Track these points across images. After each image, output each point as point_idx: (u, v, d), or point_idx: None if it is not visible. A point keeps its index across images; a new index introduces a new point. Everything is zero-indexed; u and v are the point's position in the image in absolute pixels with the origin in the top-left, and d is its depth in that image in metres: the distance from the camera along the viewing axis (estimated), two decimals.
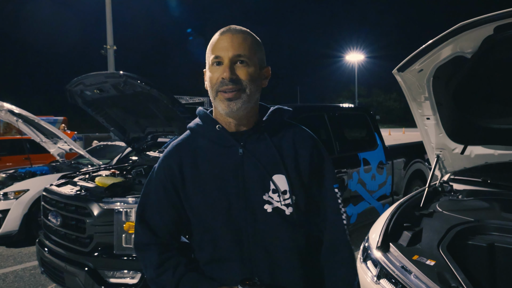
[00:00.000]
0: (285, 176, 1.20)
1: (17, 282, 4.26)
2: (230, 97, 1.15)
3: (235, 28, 1.20)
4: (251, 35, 1.21)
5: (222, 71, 1.15)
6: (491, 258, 2.09)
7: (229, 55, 1.15)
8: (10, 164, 9.83)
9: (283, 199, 1.20)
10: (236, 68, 1.16)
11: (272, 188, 1.20)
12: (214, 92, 1.18)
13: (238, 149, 1.21)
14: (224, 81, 1.14)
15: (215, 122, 1.24)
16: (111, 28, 15.98)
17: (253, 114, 1.24)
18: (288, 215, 1.20)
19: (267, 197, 1.19)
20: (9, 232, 5.39)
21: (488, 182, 2.92)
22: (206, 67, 1.24)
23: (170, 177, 1.24)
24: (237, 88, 1.15)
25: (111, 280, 2.97)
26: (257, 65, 1.21)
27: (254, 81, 1.19)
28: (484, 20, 1.86)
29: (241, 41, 1.17)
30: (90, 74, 3.44)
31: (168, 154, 1.29)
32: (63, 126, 15.69)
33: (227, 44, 1.16)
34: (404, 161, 5.81)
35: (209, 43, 1.22)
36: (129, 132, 4.37)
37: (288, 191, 1.20)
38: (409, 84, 2.51)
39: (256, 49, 1.21)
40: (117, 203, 3.05)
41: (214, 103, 1.20)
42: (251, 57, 1.18)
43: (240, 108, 1.17)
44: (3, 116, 6.19)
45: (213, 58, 1.17)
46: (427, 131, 2.85)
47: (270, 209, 1.19)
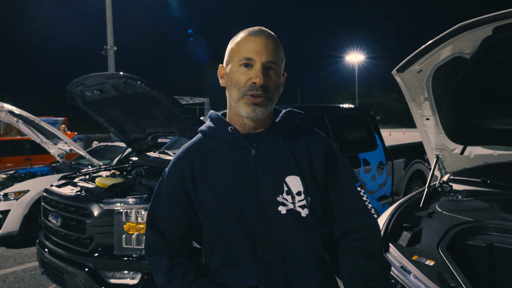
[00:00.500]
0: (299, 177, 1.18)
1: (18, 283, 4.26)
2: (258, 102, 1.14)
3: (268, 32, 1.19)
4: (280, 45, 1.21)
5: (253, 75, 1.13)
6: (490, 258, 2.10)
7: (262, 60, 1.13)
8: (11, 164, 9.85)
9: (298, 201, 1.18)
10: (266, 74, 1.15)
11: (286, 190, 1.18)
12: (240, 94, 1.16)
13: (251, 150, 1.19)
14: (254, 86, 1.13)
15: (227, 124, 1.22)
16: (111, 28, 15.99)
17: (268, 117, 1.24)
18: (304, 217, 1.18)
19: (281, 199, 1.17)
20: (9, 233, 5.39)
21: (487, 183, 2.92)
22: (228, 64, 1.21)
23: (181, 180, 1.23)
24: (265, 95, 1.15)
25: (111, 280, 2.97)
26: (281, 73, 1.21)
27: (277, 90, 1.20)
28: (483, 21, 1.86)
29: (274, 48, 1.16)
30: (90, 75, 3.45)
31: (179, 157, 1.28)
32: (63, 127, 15.69)
33: (261, 48, 1.14)
34: (404, 162, 5.82)
35: (235, 40, 1.20)
36: (129, 132, 4.37)
37: (302, 192, 1.18)
38: (409, 84, 2.51)
39: (283, 58, 1.21)
40: (117, 204, 3.05)
41: (236, 104, 1.18)
42: (279, 65, 1.19)
43: (263, 114, 1.17)
44: (4, 117, 6.19)
45: (244, 59, 1.15)
46: (426, 131, 2.86)
47: (284, 211, 1.17)
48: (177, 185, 1.24)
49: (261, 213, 1.16)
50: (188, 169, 1.22)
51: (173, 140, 5.34)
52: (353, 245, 1.24)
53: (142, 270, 2.89)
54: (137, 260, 2.90)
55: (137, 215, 2.99)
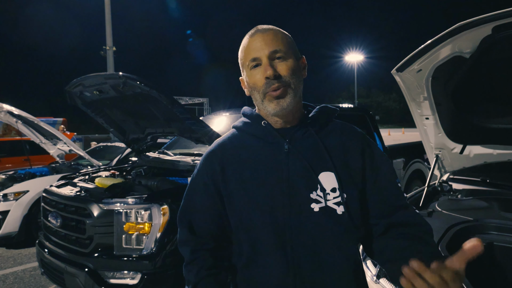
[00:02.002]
0: (333, 173, 1.14)
1: (17, 284, 4.26)
2: (278, 94, 1.13)
3: (263, 27, 1.19)
4: (279, 30, 1.20)
5: (263, 71, 1.14)
6: (490, 257, 2.10)
7: (265, 53, 1.14)
8: (10, 165, 9.85)
9: (333, 197, 1.13)
10: (275, 64, 1.14)
11: (320, 187, 1.13)
12: (262, 95, 1.16)
13: (283, 145, 1.18)
14: (269, 81, 1.13)
15: (261, 119, 1.22)
16: (110, 29, 16.00)
17: (298, 109, 1.22)
18: (339, 214, 1.12)
19: (315, 196, 1.13)
20: (9, 233, 5.39)
21: (487, 182, 2.93)
22: (243, 74, 1.23)
23: (212, 175, 1.23)
24: (282, 84, 1.13)
25: (111, 280, 2.97)
26: (294, 56, 1.18)
27: (295, 74, 1.17)
28: (482, 20, 1.86)
29: (273, 37, 1.16)
30: (90, 75, 3.44)
31: (210, 152, 1.28)
32: (63, 127, 15.70)
33: (260, 43, 1.15)
34: (403, 161, 5.82)
35: (240, 49, 1.21)
36: (128, 133, 4.37)
37: (337, 188, 1.13)
38: (408, 84, 2.51)
39: (289, 41, 1.19)
40: (117, 204, 3.05)
41: (262, 106, 1.18)
42: (286, 50, 1.16)
43: (289, 104, 1.15)
44: (3, 117, 6.19)
45: (250, 61, 1.16)
46: (426, 131, 2.86)
47: (317, 208, 1.12)
48: (207, 180, 1.24)
49: (292, 210, 1.13)
50: (219, 164, 1.22)
51: (172, 140, 5.34)
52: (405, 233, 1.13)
53: (142, 270, 2.89)
54: (137, 260, 2.90)
55: (137, 215, 2.98)
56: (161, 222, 2.93)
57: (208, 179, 1.24)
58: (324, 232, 1.12)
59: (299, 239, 1.12)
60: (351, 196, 1.15)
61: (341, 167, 1.16)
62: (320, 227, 1.12)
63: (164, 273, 2.90)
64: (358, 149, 1.20)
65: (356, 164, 1.18)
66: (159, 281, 2.89)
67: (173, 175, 3.76)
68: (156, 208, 2.95)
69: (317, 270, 1.12)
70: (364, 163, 1.19)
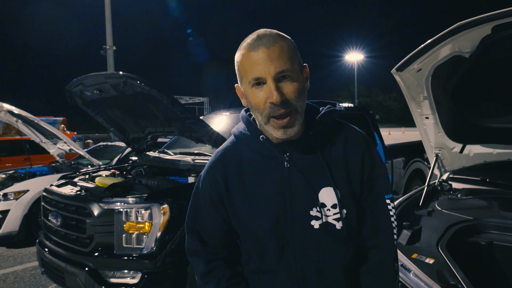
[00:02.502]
0: (334, 189, 1.13)
1: (18, 283, 4.27)
2: (286, 124, 1.06)
3: (267, 37, 1.06)
4: (285, 40, 1.08)
5: (268, 94, 1.03)
6: (489, 256, 2.11)
7: (271, 74, 1.03)
8: (10, 164, 9.85)
9: (333, 214, 1.13)
10: (281, 86, 1.04)
11: (321, 202, 1.13)
12: (265, 119, 1.07)
13: (283, 162, 1.14)
14: (274, 107, 1.04)
15: (258, 132, 1.17)
16: (110, 28, 15.99)
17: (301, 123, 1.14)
18: (338, 229, 1.13)
19: (315, 212, 1.13)
20: (9, 233, 5.39)
21: (486, 181, 2.93)
22: (241, 86, 1.14)
23: (215, 187, 1.22)
24: (289, 110, 1.05)
25: (112, 280, 2.97)
26: (299, 72, 1.09)
27: (302, 95, 1.08)
28: (482, 20, 1.87)
29: (279, 53, 1.04)
30: (90, 74, 3.44)
31: (212, 164, 1.26)
32: (63, 127, 15.67)
33: (265, 61, 1.03)
34: (403, 161, 5.82)
35: (239, 59, 1.10)
36: (129, 132, 4.37)
37: (337, 205, 1.13)
38: (408, 83, 2.52)
39: (294, 54, 1.09)
40: (117, 203, 3.05)
41: (266, 127, 1.10)
42: (293, 67, 1.06)
43: (296, 131, 1.09)
44: (3, 116, 6.19)
45: (253, 80, 1.05)
46: (426, 130, 2.87)
47: (317, 225, 1.13)
48: (212, 192, 1.24)
49: (294, 226, 1.13)
50: (222, 177, 1.21)
51: (172, 139, 5.34)
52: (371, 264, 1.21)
53: (142, 269, 2.89)
54: (137, 260, 2.91)
55: (137, 215, 2.99)
56: (161, 222, 2.93)
57: (212, 191, 1.24)
58: (324, 247, 1.14)
59: (302, 254, 1.14)
60: (350, 211, 1.15)
61: (342, 181, 1.15)
62: (320, 243, 1.14)
63: (164, 272, 2.91)
64: (359, 158, 1.17)
65: (356, 175, 1.17)
66: (159, 280, 2.90)
67: (173, 175, 3.76)
68: (157, 208, 2.96)
69: (319, 281, 1.15)
70: (363, 174, 1.18)
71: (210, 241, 1.27)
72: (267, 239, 1.16)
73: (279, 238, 1.15)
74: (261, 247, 1.18)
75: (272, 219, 1.14)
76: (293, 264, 1.15)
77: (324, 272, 1.15)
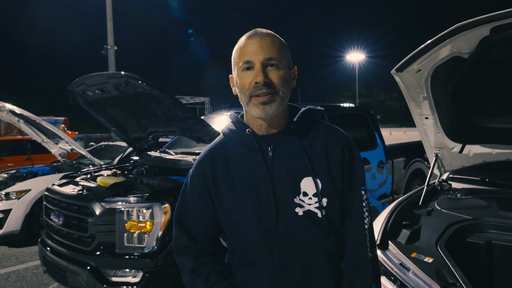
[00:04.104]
0: (313, 179, 1.19)
1: (20, 282, 4.29)
2: (265, 100, 1.15)
3: (262, 32, 1.20)
4: (277, 38, 1.21)
5: (254, 76, 1.15)
6: (488, 255, 2.12)
7: (260, 58, 1.15)
8: (12, 164, 9.87)
9: (314, 202, 1.19)
10: (268, 71, 1.16)
11: (303, 191, 1.19)
12: (247, 98, 1.18)
13: (268, 153, 1.22)
14: (257, 86, 1.15)
15: (245, 126, 1.25)
16: (111, 28, 16.03)
17: (283, 115, 1.25)
18: (320, 218, 1.19)
19: (298, 200, 1.19)
20: (11, 232, 5.42)
21: (486, 181, 2.94)
22: (234, 73, 1.24)
23: (204, 182, 1.27)
24: (271, 91, 1.15)
25: (113, 279, 2.99)
26: (286, 66, 1.21)
27: (286, 83, 1.19)
28: (480, 21, 1.88)
29: (270, 44, 1.17)
30: (92, 74, 3.46)
31: (201, 159, 1.31)
32: (63, 127, 15.69)
33: (257, 48, 1.16)
34: (404, 161, 5.83)
35: (235, 48, 1.23)
36: (130, 132, 4.39)
37: (318, 193, 1.19)
38: (408, 84, 2.53)
39: (284, 51, 1.21)
40: (119, 203, 3.07)
41: (247, 107, 1.20)
42: (281, 59, 1.18)
43: (274, 111, 1.18)
44: (5, 116, 6.22)
45: (243, 63, 1.17)
46: (426, 130, 2.88)
47: (301, 212, 1.18)
48: (200, 187, 1.28)
49: (278, 214, 1.18)
50: (210, 171, 1.26)
51: (174, 139, 5.36)
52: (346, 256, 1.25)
53: (143, 268, 2.91)
54: (139, 259, 2.93)
55: (138, 214, 3.01)
56: (162, 221, 2.95)
57: (201, 186, 1.28)
58: (307, 234, 1.19)
59: (286, 242, 1.18)
60: (331, 200, 1.21)
61: (323, 173, 1.21)
62: (304, 230, 1.19)
63: (165, 271, 2.93)
64: (339, 154, 1.24)
65: (336, 169, 1.23)
66: (160, 279, 2.92)
67: (175, 174, 3.78)
68: (158, 207, 2.98)
69: (303, 270, 1.19)
70: (343, 168, 1.24)
71: (198, 237, 1.30)
72: (252, 228, 1.20)
73: (263, 227, 1.19)
74: (246, 238, 1.22)
75: (257, 208, 1.19)
76: (277, 253, 1.18)
77: (307, 260, 1.19)
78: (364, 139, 5.55)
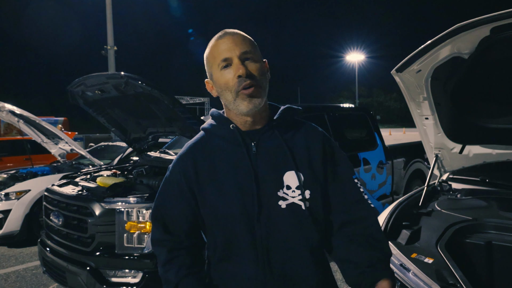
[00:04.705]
0: (296, 172, 1.23)
1: (19, 282, 4.28)
2: (251, 92, 1.18)
3: (231, 31, 1.23)
4: (246, 35, 1.25)
5: (235, 70, 1.18)
6: (488, 256, 2.12)
7: (236, 53, 1.18)
8: (11, 164, 9.86)
9: (298, 194, 1.22)
10: (246, 64, 1.19)
11: (286, 185, 1.22)
12: (234, 94, 1.19)
13: (252, 148, 1.24)
14: (241, 79, 1.17)
15: (229, 122, 1.27)
16: (111, 28, 16.01)
17: (265, 109, 1.28)
18: (304, 210, 1.22)
19: (282, 194, 1.22)
20: (10, 232, 5.41)
21: (486, 181, 2.94)
22: (211, 75, 1.26)
23: (185, 177, 1.27)
24: (254, 83, 1.18)
25: (113, 279, 2.99)
26: (261, 59, 1.25)
27: (264, 75, 1.23)
28: (481, 21, 1.88)
29: (242, 40, 1.21)
30: (92, 75, 3.46)
31: (182, 154, 1.32)
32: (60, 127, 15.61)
33: (231, 44, 1.19)
34: (404, 161, 5.83)
35: (208, 51, 1.25)
36: (130, 132, 4.39)
37: (301, 186, 1.22)
38: (408, 84, 2.53)
39: (256, 47, 1.25)
40: (118, 203, 3.07)
41: (234, 105, 1.21)
42: (255, 52, 1.23)
43: (260, 103, 1.21)
44: (4, 116, 6.21)
45: (221, 61, 1.19)
46: (425, 130, 2.88)
47: (284, 205, 1.22)
48: (181, 181, 1.28)
49: (261, 207, 1.21)
50: (192, 166, 1.27)
51: (173, 139, 5.36)
52: (352, 234, 1.28)
53: (143, 268, 2.91)
54: (139, 259, 2.92)
55: (138, 214, 3.01)
56: None
57: (181, 180, 1.28)
58: (290, 227, 1.22)
59: (269, 234, 1.21)
60: (314, 192, 1.25)
61: (305, 166, 1.25)
62: (287, 222, 1.22)
63: None
64: (320, 148, 1.29)
65: (318, 162, 1.28)
66: (160, 280, 2.91)
67: None
68: None
69: (285, 261, 1.22)
70: (325, 161, 1.29)
71: (175, 230, 1.32)
72: (236, 222, 1.22)
73: (247, 220, 1.21)
74: (229, 232, 1.23)
75: (241, 201, 1.21)
76: (259, 245, 1.20)
77: (290, 251, 1.22)
78: (364, 140, 5.55)
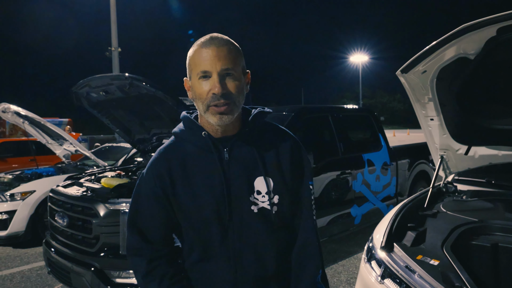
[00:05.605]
0: (265, 178, 1.26)
1: (24, 282, 4.30)
2: (223, 111, 1.18)
3: (218, 39, 1.20)
4: (233, 45, 1.22)
5: (212, 86, 1.16)
6: (494, 258, 2.10)
7: (217, 69, 1.16)
8: (16, 165, 9.90)
9: (267, 199, 1.26)
10: (225, 81, 1.18)
11: (257, 190, 1.26)
12: (205, 107, 1.20)
13: (224, 155, 1.26)
14: (215, 96, 1.16)
15: (201, 129, 1.27)
16: (115, 30, 16.06)
17: (237, 119, 1.28)
18: (273, 214, 1.26)
19: (253, 199, 1.26)
20: (15, 233, 5.44)
21: (492, 183, 2.92)
22: (190, 77, 1.25)
23: (160, 182, 1.27)
24: (228, 101, 1.18)
25: (117, 280, 3.00)
26: (241, 74, 1.23)
27: (241, 92, 1.23)
28: (487, 21, 1.87)
29: (226, 54, 1.18)
30: (96, 76, 3.48)
31: (155, 160, 1.32)
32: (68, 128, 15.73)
33: (214, 57, 1.16)
34: (408, 162, 5.80)
35: (191, 53, 1.23)
36: (134, 133, 4.40)
37: (270, 191, 1.26)
38: (413, 85, 2.52)
39: (240, 58, 1.23)
40: (122, 204, 3.08)
41: (205, 115, 1.22)
42: (237, 68, 1.20)
43: (231, 119, 1.21)
44: (10, 118, 6.24)
45: (200, 72, 1.18)
46: (431, 132, 2.86)
47: (256, 210, 1.25)
48: (155, 187, 1.28)
49: (233, 212, 1.24)
50: (166, 171, 1.27)
51: None
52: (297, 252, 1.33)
53: None
54: None
55: None
56: None
57: (156, 185, 1.28)
58: (261, 230, 1.26)
59: (241, 238, 1.25)
60: (282, 197, 1.29)
61: (273, 172, 1.29)
62: (258, 226, 1.26)
63: None
64: (288, 154, 1.31)
65: (287, 168, 1.30)
66: None
67: None
68: None
69: (256, 263, 1.26)
70: (293, 167, 1.32)
71: (152, 238, 1.31)
72: (210, 225, 1.24)
73: (220, 224, 1.24)
74: (204, 235, 1.26)
75: (214, 206, 1.23)
76: (232, 248, 1.25)
77: (260, 254, 1.26)
78: (368, 141, 5.54)
